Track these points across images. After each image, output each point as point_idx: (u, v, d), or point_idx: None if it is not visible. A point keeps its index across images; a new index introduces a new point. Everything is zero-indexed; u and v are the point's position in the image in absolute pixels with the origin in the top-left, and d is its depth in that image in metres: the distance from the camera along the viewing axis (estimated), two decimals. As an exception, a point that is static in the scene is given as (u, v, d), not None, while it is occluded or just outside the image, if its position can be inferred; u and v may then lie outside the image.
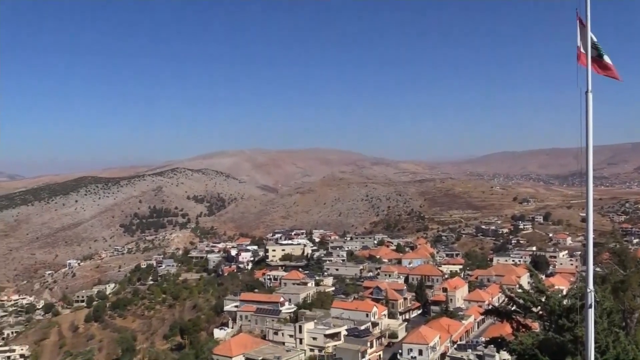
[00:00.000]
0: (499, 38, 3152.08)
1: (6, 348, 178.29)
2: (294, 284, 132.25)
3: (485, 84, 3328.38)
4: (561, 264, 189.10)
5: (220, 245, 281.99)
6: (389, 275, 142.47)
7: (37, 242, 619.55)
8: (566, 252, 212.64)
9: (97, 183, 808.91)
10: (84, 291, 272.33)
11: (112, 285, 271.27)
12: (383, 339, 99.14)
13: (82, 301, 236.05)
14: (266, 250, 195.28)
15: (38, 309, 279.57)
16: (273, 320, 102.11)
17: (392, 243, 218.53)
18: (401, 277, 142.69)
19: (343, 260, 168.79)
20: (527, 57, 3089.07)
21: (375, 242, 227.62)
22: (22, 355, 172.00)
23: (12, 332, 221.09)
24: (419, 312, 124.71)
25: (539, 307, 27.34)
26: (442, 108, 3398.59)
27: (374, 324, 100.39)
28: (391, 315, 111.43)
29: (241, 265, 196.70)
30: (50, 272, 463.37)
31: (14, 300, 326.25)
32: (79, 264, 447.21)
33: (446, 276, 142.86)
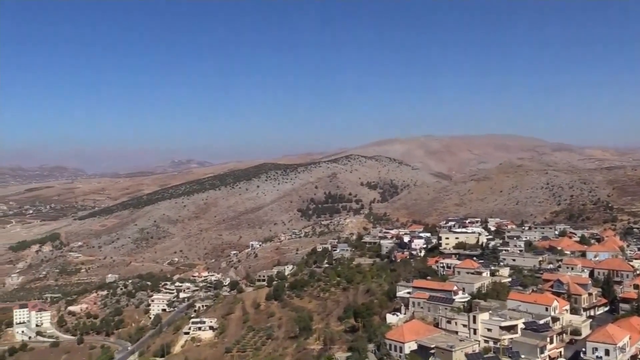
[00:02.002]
0: None
1: (198, 319, 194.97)
2: (468, 272, 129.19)
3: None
4: None
5: (393, 232, 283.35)
6: (572, 268, 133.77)
7: (224, 224, 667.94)
8: None
9: (276, 169, 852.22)
10: (264, 271, 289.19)
11: (290, 266, 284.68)
12: (564, 335, 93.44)
13: (263, 280, 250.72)
14: (439, 238, 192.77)
15: (224, 285, 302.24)
16: (446, 309, 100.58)
17: (575, 234, 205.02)
18: (585, 270, 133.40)
19: (521, 251, 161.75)
20: None
21: (557, 232, 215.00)
22: (211, 327, 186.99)
23: (203, 306, 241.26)
24: (606, 309, 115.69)
25: None
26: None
27: (555, 319, 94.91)
28: (573, 311, 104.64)
29: (414, 252, 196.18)
30: (235, 252, 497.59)
31: (204, 277, 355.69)
32: (260, 245, 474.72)
33: (638, 272, 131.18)
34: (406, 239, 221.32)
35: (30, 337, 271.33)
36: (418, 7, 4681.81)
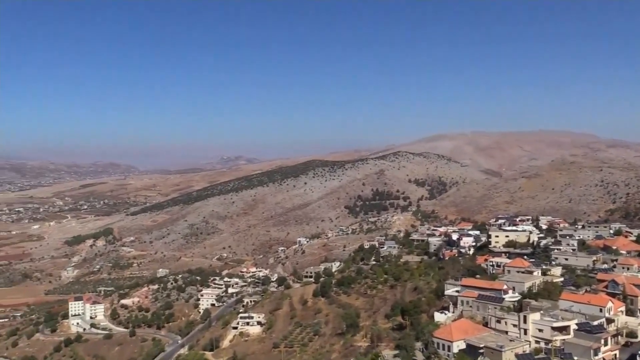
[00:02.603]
0: None
1: (246, 315, 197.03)
2: (518, 271, 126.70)
3: None
4: None
5: (441, 229, 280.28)
6: (628, 269, 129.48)
7: (271, 220, 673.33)
8: None
9: (323, 166, 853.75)
10: (312, 267, 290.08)
11: (338, 263, 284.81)
12: (619, 337, 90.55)
13: (310, 277, 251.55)
14: (489, 236, 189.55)
15: (272, 281, 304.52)
16: (495, 308, 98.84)
17: (632, 233, 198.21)
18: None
19: (573, 250, 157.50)
20: None
21: (612, 231, 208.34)
22: (259, 322, 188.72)
23: (251, 301, 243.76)
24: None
25: None
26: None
27: (609, 321, 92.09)
28: (629, 313, 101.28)
29: (462, 250, 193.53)
30: (282, 248, 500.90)
31: (252, 273, 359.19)
32: (307, 241, 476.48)
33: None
34: (455, 236, 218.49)
35: (84, 329, 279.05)
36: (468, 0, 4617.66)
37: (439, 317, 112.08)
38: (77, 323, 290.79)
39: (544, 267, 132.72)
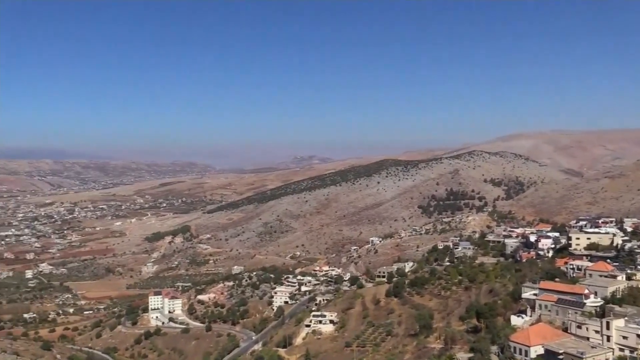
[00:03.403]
0: None
1: (319, 313, 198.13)
2: (600, 275, 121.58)
3: None
4: None
5: (518, 230, 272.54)
6: None
7: (344, 220, 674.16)
8: None
9: (397, 166, 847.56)
10: (384, 267, 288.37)
11: (411, 263, 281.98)
12: None
13: (383, 276, 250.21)
14: (569, 238, 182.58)
15: (345, 280, 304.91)
16: (576, 313, 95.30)
17: None
18: None
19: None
20: None
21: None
22: (331, 321, 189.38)
23: (323, 300, 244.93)
24: None
25: None
26: None
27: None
28: None
29: (541, 252, 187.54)
30: (355, 247, 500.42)
31: (325, 271, 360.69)
32: (380, 241, 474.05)
33: None
34: (532, 238, 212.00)
35: (163, 323, 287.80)
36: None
37: (515, 320, 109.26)
38: (157, 317, 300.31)
39: (628, 271, 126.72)
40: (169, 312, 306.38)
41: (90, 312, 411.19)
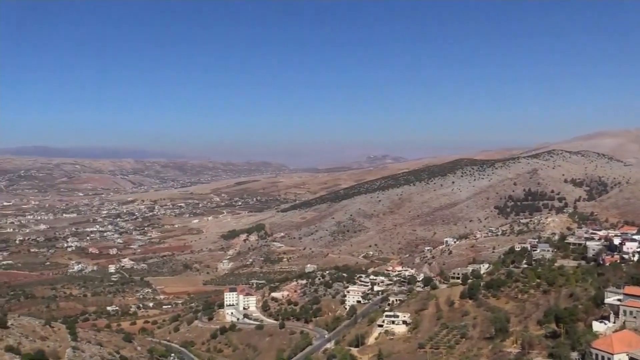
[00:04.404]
0: None
1: (391, 313, 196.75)
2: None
3: None
4: None
5: (601, 233, 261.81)
6: None
7: (418, 220, 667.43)
8: None
9: (472, 165, 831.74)
10: (459, 268, 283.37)
11: (486, 265, 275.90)
12: None
13: (457, 278, 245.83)
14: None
15: (418, 281, 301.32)
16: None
17: None
18: None
19: None
20: None
21: None
22: (404, 322, 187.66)
23: (396, 300, 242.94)
24: None
25: None
26: None
27: None
28: None
29: (625, 256, 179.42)
30: (429, 248, 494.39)
31: (398, 271, 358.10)
32: (455, 242, 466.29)
33: None
34: (616, 241, 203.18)
35: (238, 319, 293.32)
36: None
37: (597, 326, 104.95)
38: (232, 313, 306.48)
39: None
40: (244, 308, 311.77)
41: (169, 306, 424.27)
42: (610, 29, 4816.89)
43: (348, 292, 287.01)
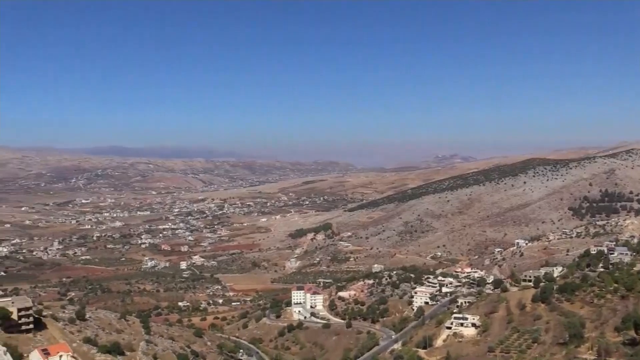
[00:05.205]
0: None
1: (460, 315, 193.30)
2: None
3: None
4: None
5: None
6: None
7: (488, 221, 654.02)
8: None
9: (545, 165, 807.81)
10: (531, 271, 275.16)
11: (560, 268, 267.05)
12: None
13: (529, 281, 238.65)
14: None
15: (488, 283, 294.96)
16: None
17: None
18: None
19: None
20: None
21: None
22: (473, 324, 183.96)
23: (465, 302, 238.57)
24: None
25: None
26: None
27: None
28: None
29: None
30: (499, 249, 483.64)
31: (467, 273, 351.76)
32: (526, 244, 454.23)
33: None
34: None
35: (305, 317, 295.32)
36: None
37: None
38: (299, 311, 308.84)
39: None
40: (311, 307, 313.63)
41: (238, 303, 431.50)
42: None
43: (415, 292, 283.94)
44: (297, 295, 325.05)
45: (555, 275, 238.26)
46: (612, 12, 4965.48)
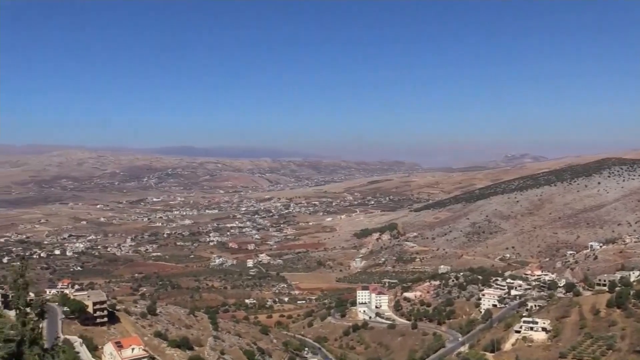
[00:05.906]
0: None
1: (530, 319, 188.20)
2: None
3: None
4: None
5: None
6: None
7: (559, 222, 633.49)
8: None
9: (621, 165, 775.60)
10: (605, 275, 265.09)
11: (637, 272, 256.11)
12: None
13: (604, 285, 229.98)
14: None
15: (559, 286, 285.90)
16: None
17: None
18: None
19: None
20: None
21: None
22: (543, 329, 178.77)
23: (535, 305, 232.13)
24: None
25: None
26: None
27: None
28: None
29: None
30: (571, 252, 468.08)
31: (537, 276, 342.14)
32: (600, 246, 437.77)
33: None
34: None
35: (370, 317, 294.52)
36: None
37: None
38: (364, 311, 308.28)
39: None
40: (376, 307, 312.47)
41: (303, 302, 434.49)
42: None
43: (483, 295, 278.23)
44: (362, 295, 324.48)
45: (632, 279, 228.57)
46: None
